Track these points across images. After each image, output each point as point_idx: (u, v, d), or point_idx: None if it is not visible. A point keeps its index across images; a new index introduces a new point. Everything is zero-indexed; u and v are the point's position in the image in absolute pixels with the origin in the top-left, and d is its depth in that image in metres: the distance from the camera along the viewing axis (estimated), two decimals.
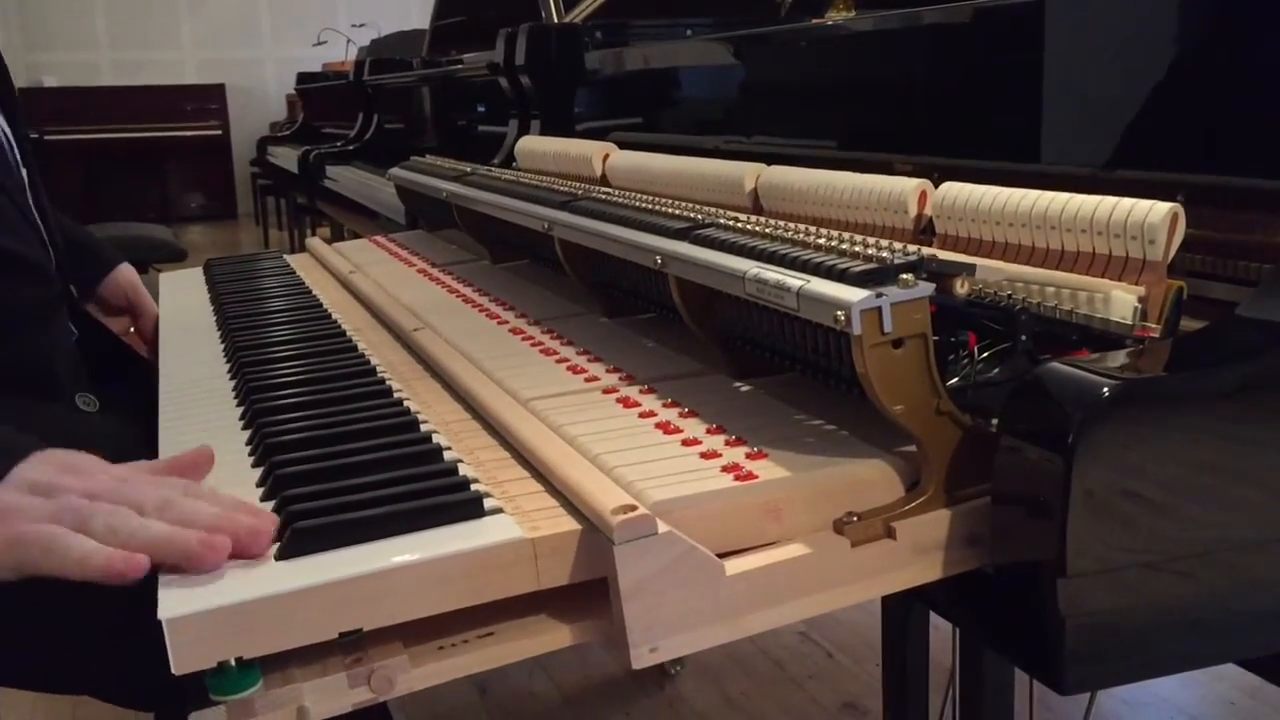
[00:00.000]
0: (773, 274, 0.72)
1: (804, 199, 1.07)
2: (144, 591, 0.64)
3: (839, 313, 0.65)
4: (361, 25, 7.75)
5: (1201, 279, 0.83)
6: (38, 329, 1.02)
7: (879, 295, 0.65)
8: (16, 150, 1.13)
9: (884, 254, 0.69)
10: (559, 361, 0.98)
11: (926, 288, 0.66)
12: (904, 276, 0.66)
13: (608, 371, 0.94)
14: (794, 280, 0.70)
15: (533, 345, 1.04)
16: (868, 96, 1.26)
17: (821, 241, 0.75)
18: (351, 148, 3.77)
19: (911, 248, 0.71)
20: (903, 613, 1.36)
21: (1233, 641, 0.70)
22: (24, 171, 1.13)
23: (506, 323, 1.14)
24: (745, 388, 0.88)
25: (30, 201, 1.12)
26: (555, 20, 2.64)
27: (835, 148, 1.29)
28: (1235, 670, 0.76)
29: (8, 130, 1.12)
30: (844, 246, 0.72)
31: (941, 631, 1.27)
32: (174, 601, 0.62)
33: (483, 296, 1.27)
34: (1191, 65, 0.87)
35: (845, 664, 2.15)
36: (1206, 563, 0.66)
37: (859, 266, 0.68)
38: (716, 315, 0.88)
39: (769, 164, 1.19)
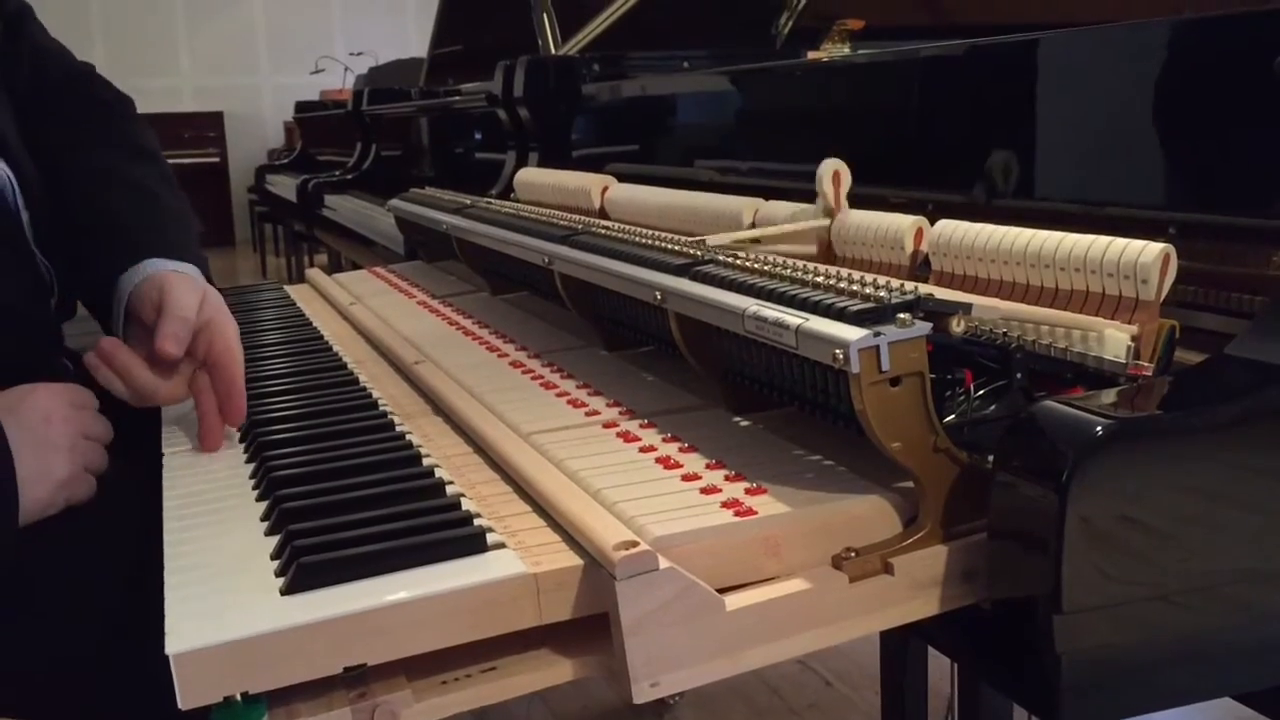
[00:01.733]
0: (771, 311, 0.73)
1: (801, 234, 1.08)
2: (150, 625, 0.65)
3: (837, 351, 0.66)
4: (359, 54, 7.80)
5: (1194, 310, 0.85)
6: (25, 379, 0.99)
7: (876, 334, 0.66)
8: (17, 189, 1.10)
9: (881, 293, 0.70)
10: (559, 395, 0.99)
11: (923, 327, 0.67)
12: (901, 316, 0.67)
13: (608, 405, 0.95)
14: (793, 318, 0.71)
15: (533, 379, 1.05)
16: (863, 131, 1.28)
17: (820, 279, 0.76)
18: (350, 177, 3.79)
19: (909, 286, 0.72)
20: (901, 644, 1.37)
21: (1229, 675, 0.71)
22: (25, 214, 1.10)
23: (506, 355, 1.15)
24: (744, 422, 0.89)
25: (31, 243, 1.10)
26: (552, 50, 2.67)
27: None
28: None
29: (8, 171, 1.10)
30: (842, 285, 0.73)
31: (940, 659, 1.27)
32: (181, 636, 0.62)
33: (483, 329, 1.28)
34: (1181, 104, 0.88)
35: (844, 693, 2.15)
36: (1203, 597, 0.67)
37: (856, 305, 0.69)
38: (716, 350, 0.89)
39: (765, 197, 1.21)
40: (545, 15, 2.77)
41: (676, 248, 0.96)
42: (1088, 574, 0.63)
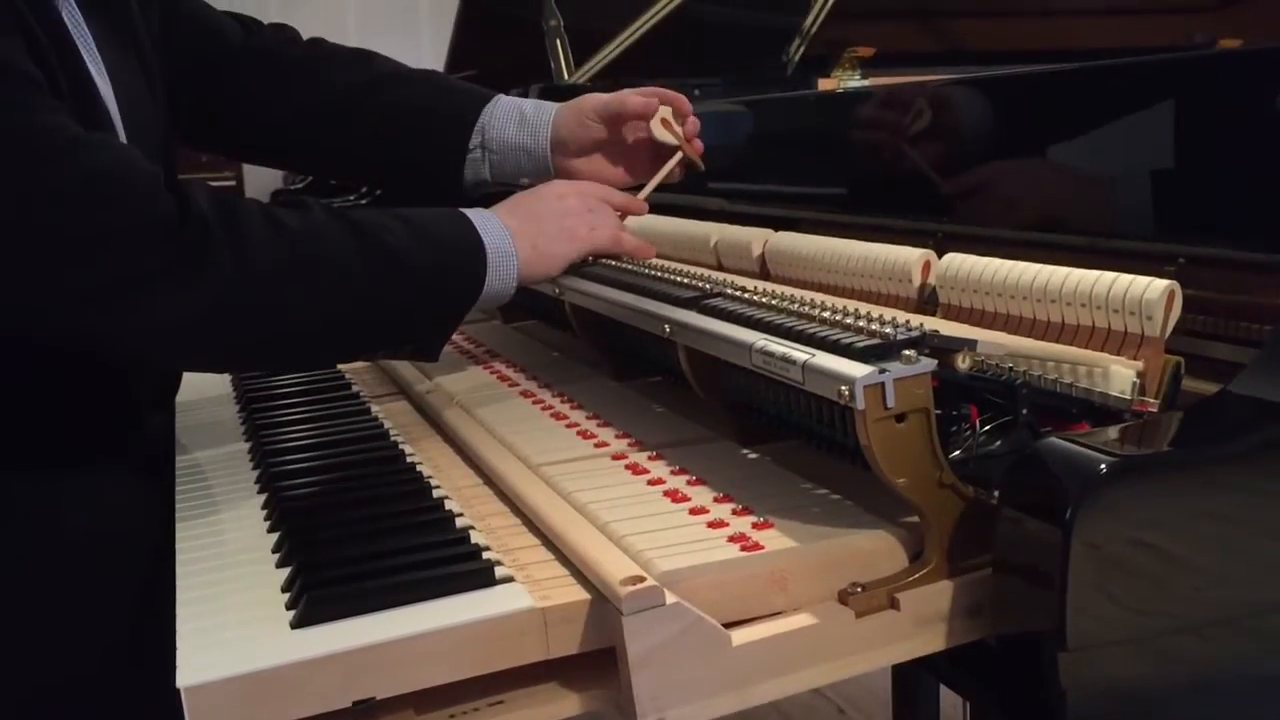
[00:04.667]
0: (778, 346, 0.74)
1: (810, 265, 1.09)
2: (161, 657, 0.66)
3: (843, 387, 0.67)
4: None
5: (1204, 339, 0.85)
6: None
7: (882, 371, 0.66)
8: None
9: (887, 329, 0.70)
10: (569, 426, 0.99)
11: (929, 363, 0.67)
12: (907, 352, 0.68)
13: (617, 437, 0.95)
14: (799, 354, 0.71)
15: (543, 409, 1.06)
16: (872, 160, 1.28)
17: (826, 315, 0.76)
18: (365, 201, 3.80)
19: (915, 321, 0.73)
20: (912, 676, 1.37)
21: (1236, 710, 0.71)
22: None
23: (517, 385, 1.16)
24: (752, 455, 0.89)
25: None
26: (565, 77, 2.68)
27: (840, 210, 1.31)
28: None
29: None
30: (848, 321, 0.74)
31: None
32: (193, 669, 0.63)
33: (493, 358, 1.29)
34: (1186, 137, 0.89)
35: None
36: (1209, 632, 0.67)
37: (863, 342, 0.69)
38: (724, 382, 0.90)
39: (775, 226, 1.22)
40: (558, 41, 2.78)
41: (685, 280, 0.97)
42: (1092, 610, 0.63)
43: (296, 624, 0.67)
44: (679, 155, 1.18)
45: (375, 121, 1.19)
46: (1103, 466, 0.62)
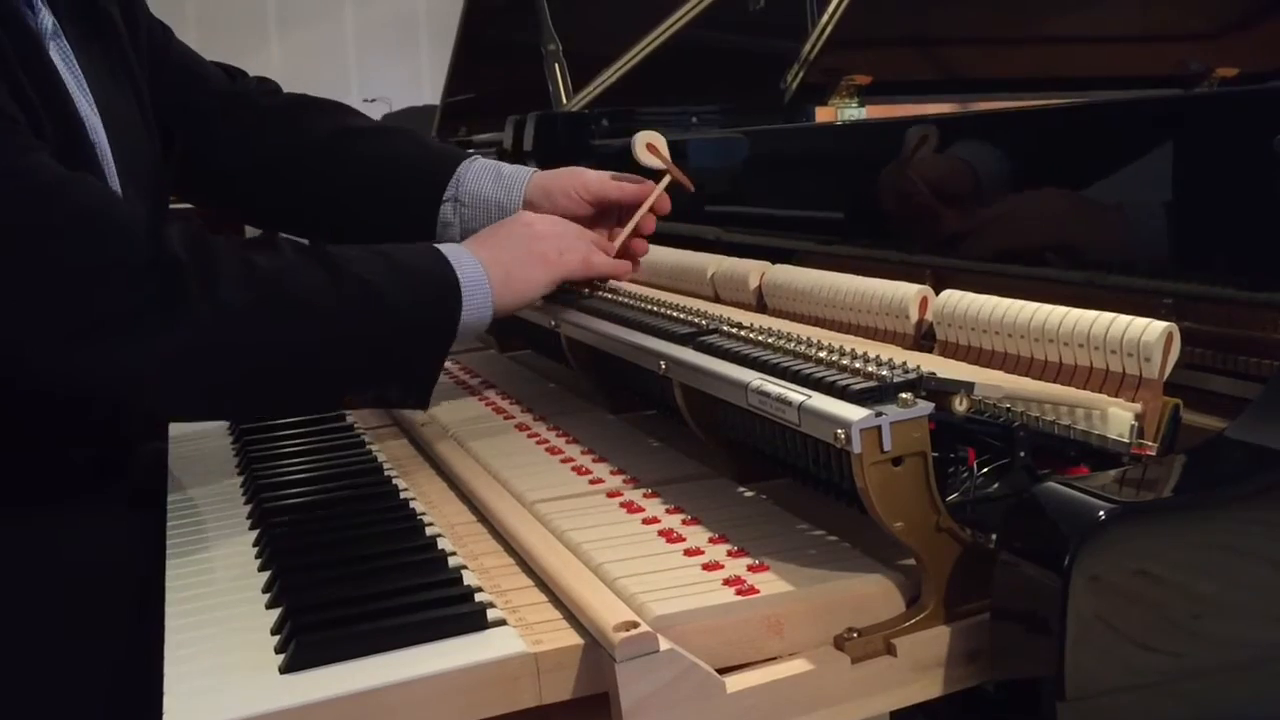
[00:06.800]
0: (774, 387, 0.73)
1: (807, 299, 1.08)
2: (149, 698, 0.65)
3: (839, 431, 0.66)
4: (373, 100, 7.85)
5: (1200, 371, 0.84)
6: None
7: (879, 414, 0.66)
8: None
9: (884, 371, 0.70)
10: (564, 461, 0.99)
11: (925, 407, 0.67)
12: (903, 395, 0.67)
13: (612, 473, 0.94)
14: (795, 395, 0.71)
15: (539, 443, 1.05)
16: (869, 193, 1.28)
17: (823, 355, 0.76)
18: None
19: (911, 363, 0.72)
20: None
21: None
22: None
23: (512, 417, 1.15)
24: (748, 493, 0.89)
25: None
26: (563, 101, 2.68)
27: (838, 241, 1.31)
28: None
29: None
30: (844, 362, 0.73)
31: None
32: (180, 716, 0.62)
33: (489, 389, 1.28)
34: (1182, 177, 0.89)
35: None
36: (1213, 679, 0.66)
37: (859, 383, 0.69)
38: (720, 420, 0.89)
39: (772, 258, 1.21)
40: (556, 66, 2.79)
41: (682, 315, 0.96)
42: (1092, 658, 0.62)
43: (285, 669, 0.67)
44: (666, 179, 1.17)
45: (350, 170, 1.20)
46: (1102, 513, 0.61)
